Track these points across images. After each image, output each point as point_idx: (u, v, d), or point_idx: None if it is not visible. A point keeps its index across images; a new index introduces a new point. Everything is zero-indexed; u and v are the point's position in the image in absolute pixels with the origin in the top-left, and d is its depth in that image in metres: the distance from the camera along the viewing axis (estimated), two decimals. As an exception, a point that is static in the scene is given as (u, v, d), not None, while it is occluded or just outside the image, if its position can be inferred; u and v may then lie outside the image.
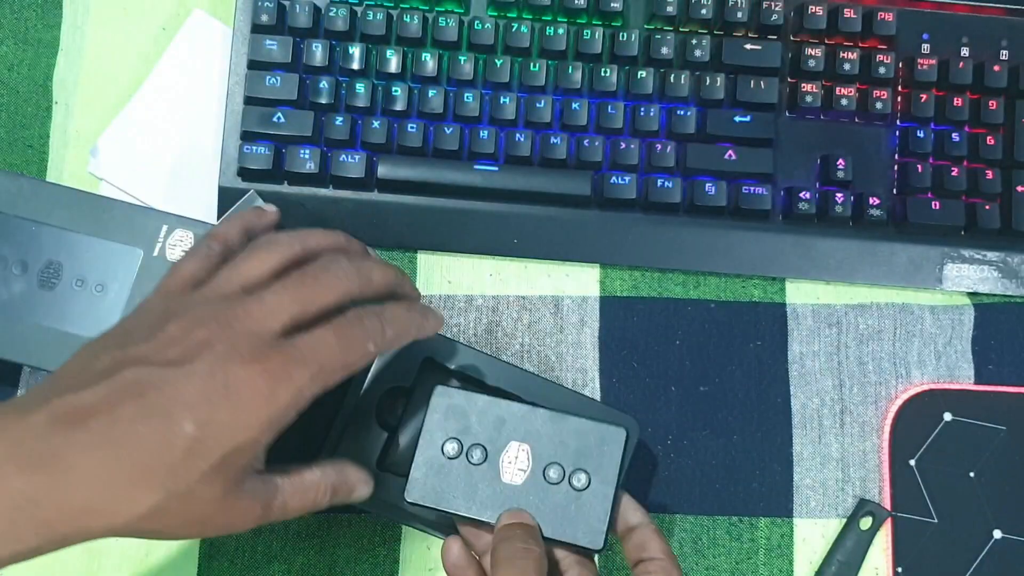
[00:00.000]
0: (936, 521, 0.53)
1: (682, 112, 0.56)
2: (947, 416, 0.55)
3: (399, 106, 0.55)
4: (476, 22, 0.55)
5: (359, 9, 0.56)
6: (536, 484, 0.44)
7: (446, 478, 0.44)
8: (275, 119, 0.55)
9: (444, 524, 0.48)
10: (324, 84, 0.55)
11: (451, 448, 0.44)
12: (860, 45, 0.57)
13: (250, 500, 0.38)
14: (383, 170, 0.55)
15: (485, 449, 0.44)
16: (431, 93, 0.55)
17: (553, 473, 0.44)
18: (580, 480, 0.43)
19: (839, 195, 0.55)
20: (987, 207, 0.55)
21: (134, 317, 0.39)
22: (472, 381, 0.49)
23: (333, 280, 0.39)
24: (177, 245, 0.51)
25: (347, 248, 0.43)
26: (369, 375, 0.50)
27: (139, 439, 0.34)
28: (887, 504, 0.54)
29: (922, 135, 0.56)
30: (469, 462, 0.44)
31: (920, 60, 0.56)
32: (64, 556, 0.52)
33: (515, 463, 0.44)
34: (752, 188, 0.55)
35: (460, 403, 0.45)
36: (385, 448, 0.49)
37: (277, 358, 0.36)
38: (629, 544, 0.43)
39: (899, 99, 0.57)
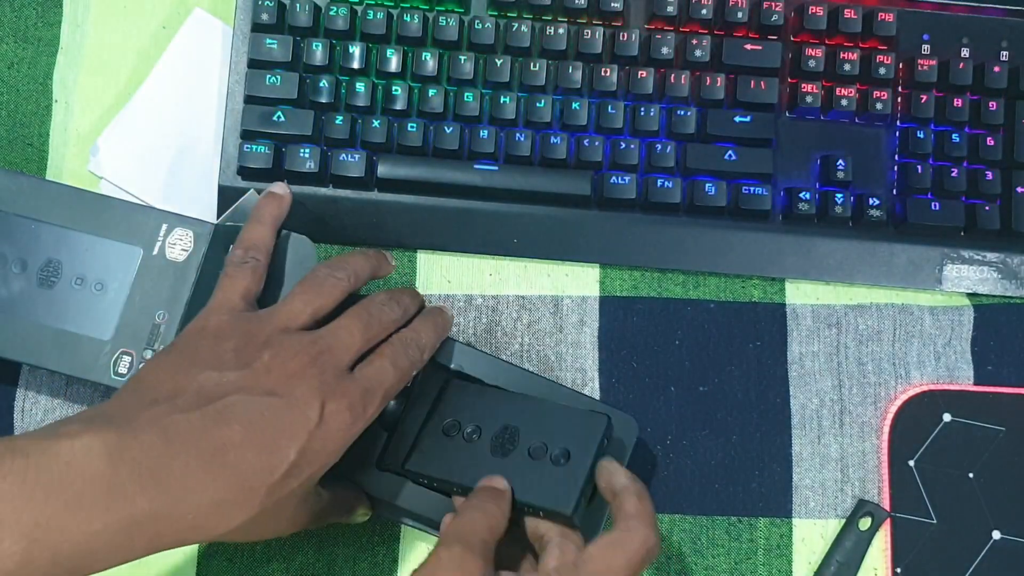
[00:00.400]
0: (935, 522, 0.53)
1: (682, 112, 0.56)
2: (946, 417, 0.55)
3: (399, 105, 0.55)
4: (476, 22, 0.55)
5: (359, 8, 0.56)
6: (520, 458, 0.47)
7: (443, 452, 0.48)
8: (275, 118, 0.55)
9: (440, 512, 0.48)
10: (324, 83, 0.55)
11: (451, 428, 0.48)
12: (860, 46, 0.57)
13: (308, 511, 0.43)
14: (383, 169, 0.55)
15: (480, 429, 0.48)
16: (431, 92, 0.55)
17: (536, 450, 0.47)
18: (560, 456, 0.46)
19: (839, 195, 0.55)
20: (987, 208, 0.55)
21: (210, 335, 0.43)
22: (473, 380, 0.50)
23: (388, 320, 0.45)
24: (177, 244, 0.51)
25: (381, 272, 0.49)
26: None
27: (247, 464, 0.38)
28: (886, 505, 0.54)
29: (922, 136, 0.56)
30: (464, 440, 0.48)
31: (920, 61, 0.56)
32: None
33: (504, 441, 0.47)
34: (752, 188, 0.55)
35: (466, 393, 0.49)
36: (385, 448, 0.49)
37: (356, 391, 0.42)
38: (613, 509, 0.44)
39: (899, 100, 0.57)
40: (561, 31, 0.56)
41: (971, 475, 0.54)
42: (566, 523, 0.45)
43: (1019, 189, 0.55)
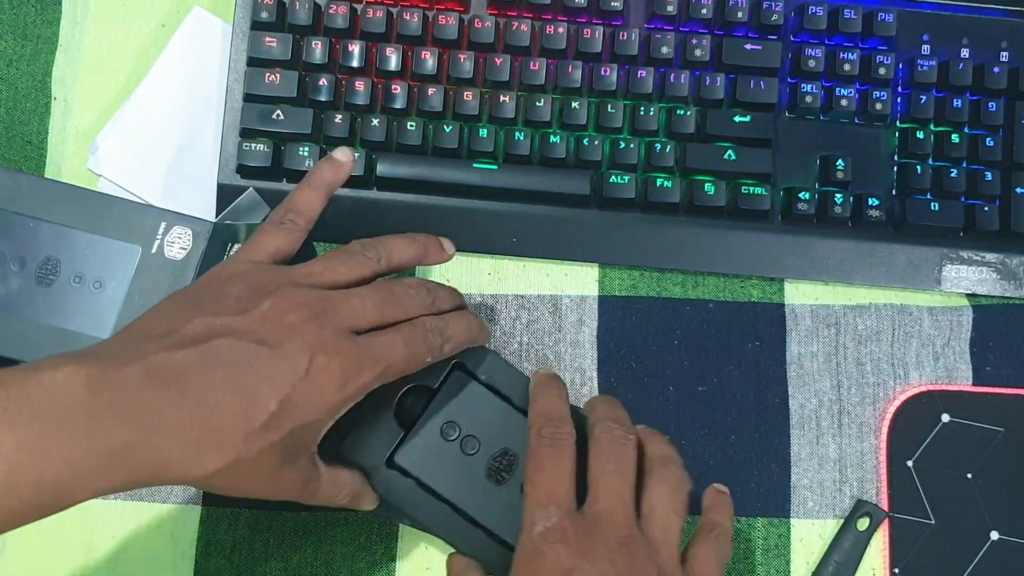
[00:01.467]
0: (933, 522, 0.53)
1: (682, 112, 0.56)
2: (945, 417, 0.55)
3: (398, 104, 0.55)
4: (476, 20, 0.55)
5: (359, 7, 0.56)
6: (512, 492, 0.46)
7: (436, 455, 0.46)
8: (274, 116, 0.55)
9: (440, 523, 0.47)
10: (324, 82, 0.55)
11: (450, 431, 0.47)
12: (860, 46, 0.57)
13: (296, 476, 0.41)
14: (382, 168, 0.55)
15: (479, 443, 0.46)
16: (430, 91, 0.55)
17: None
18: None
19: (838, 195, 0.55)
20: (986, 208, 0.55)
21: (220, 281, 0.42)
22: (497, 394, 0.48)
23: (411, 304, 0.44)
24: (176, 242, 0.51)
25: (430, 259, 0.48)
26: None
27: (225, 407, 0.38)
28: (884, 505, 0.54)
29: (922, 136, 0.56)
30: (462, 450, 0.47)
31: (920, 61, 0.56)
32: (61, 550, 0.52)
33: (501, 468, 0.46)
34: (751, 188, 0.55)
35: (474, 394, 0.47)
36: (398, 445, 0.48)
37: (353, 353, 0.40)
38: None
39: (899, 100, 0.57)
40: (561, 30, 0.56)
41: (969, 475, 0.54)
42: None
43: (1018, 190, 0.55)
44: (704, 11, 0.56)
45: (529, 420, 0.45)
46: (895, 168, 0.56)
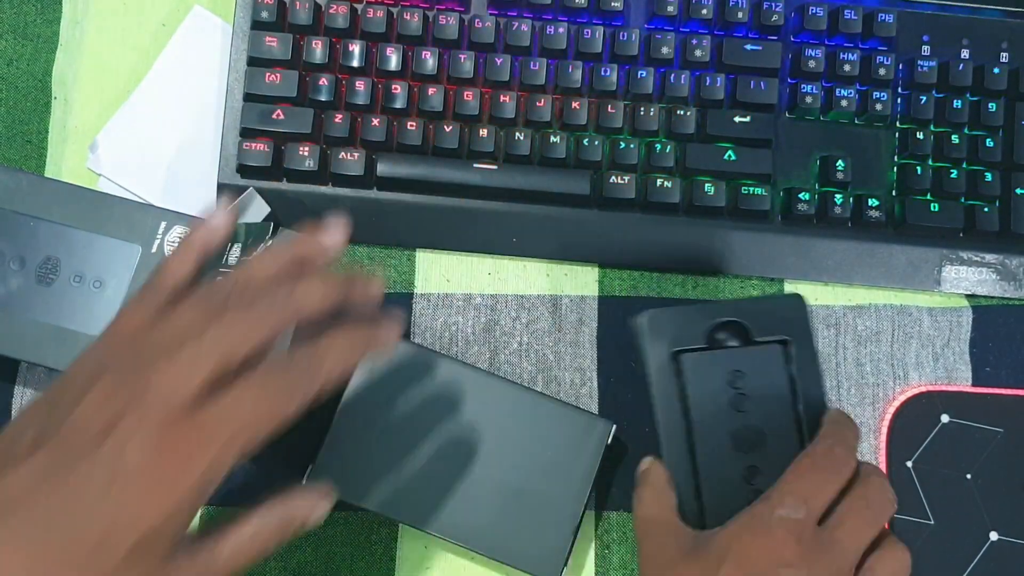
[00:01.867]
0: (933, 523, 0.54)
1: (682, 112, 0.56)
2: (944, 418, 0.55)
3: (399, 104, 0.55)
4: (476, 20, 0.55)
5: (359, 7, 0.56)
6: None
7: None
8: (274, 116, 0.55)
9: (439, 524, 0.48)
10: (324, 81, 0.55)
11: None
12: (860, 46, 0.57)
13: None
14: (382, 168, 0.55)
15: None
16: (431, 91, 0.55)
17: None
18: None
19: (838, 196, 0.55)
20: (986, 209, 0.55)
21: (71, 370, 0.37)
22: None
23: (257, 321, 0.36)
24: (176, 241, 0.51)
25: (293, 271, 0.39)
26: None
27: (51, 536, 0.33)
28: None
29: (921, 136, 0.56)
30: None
31: (920, 61, 0.56)
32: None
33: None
34: (751, 188, 0.55)
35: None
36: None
37: (184, 435, 0.34)
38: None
39: (899, 100, 0.57)
40: (561, 30, 0.56)
41: (969, 476, 0.54)
42: None
43: (1018, 190, 0.55)
44: (704, 11, 0.56)
45: (825, 425, 0.45)
46: (895, 169, 0.56)
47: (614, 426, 0.50)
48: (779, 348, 0.48)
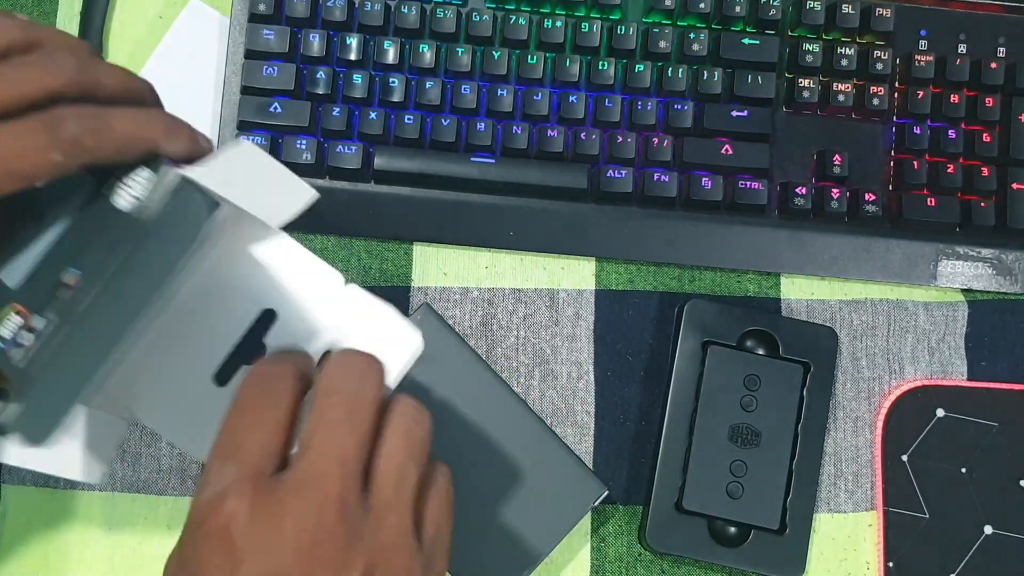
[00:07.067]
0: (928, 516, 0.54)
1: (679, 106, 0.56)
2: (940, 412, 0.55)
3: (396, 97, 0.55)
4: (474, 14, 0.55)
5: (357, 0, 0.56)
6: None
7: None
8: (272, 109, 0.55)
9: None
10: (321, 74, 0.55)
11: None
12: (858, 41, 0.57)
13: None
14: (380, 161, 0.55)
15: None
16: (428, 85, 0.55)
17: None
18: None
19: (835, 191, 0.55)
20: (982, 204, 0.55)
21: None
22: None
23: (38, 70, 0.31)
24: (131, 187, 0.38)
25: (73, 47, 0.35)
26: None
27: None
28: (879, 500, 0.54)
29: (918, 132, 0.56)
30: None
31: (917, 56, 0.56)
32: (56, 543, 0.52)
33: None
34: (748, 183, 0.55)
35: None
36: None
37: None
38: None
39: (896, 95, 0.57)
40: (559, 24, 0.56)
41: (964, 470, 0.54)
42: None
43: (1014, 186, 0.56)
44: (702, 5, 0.56)
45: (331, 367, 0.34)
46: (891, 163, 0.56)
47: (606, 491, 0.51)
48: (800, 369, 0.53)
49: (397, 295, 0.55)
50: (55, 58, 0.32)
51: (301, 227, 0.51)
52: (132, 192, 0.35)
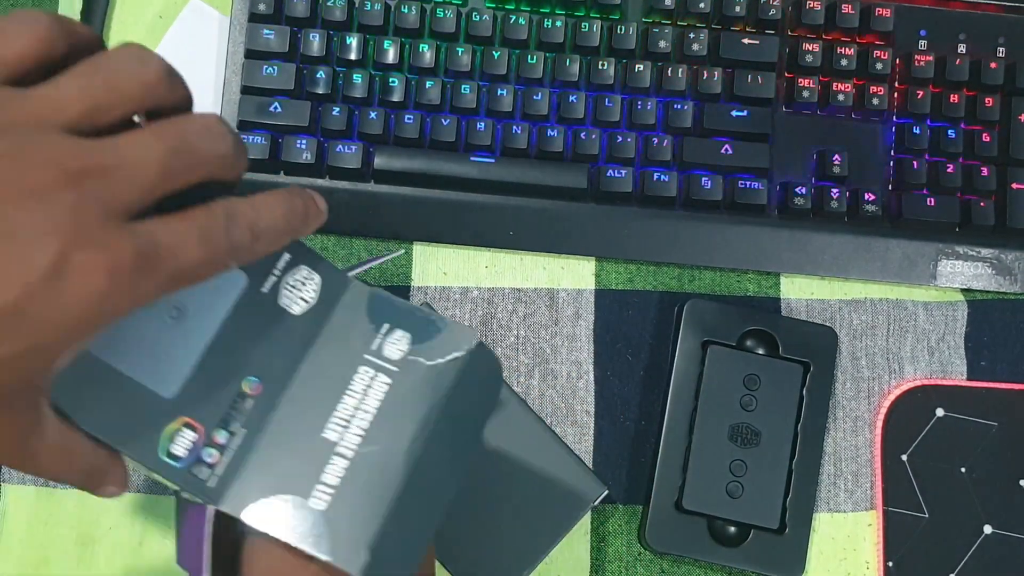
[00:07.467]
0: (927, 516, 0.54)
1: (679, 106, 0.56)
2: (939, 412, 0.55)
3: (396, 97, 0.55)
4: (474, 13, 0.55)
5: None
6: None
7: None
8: (272, 109, 0.55)
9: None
10: (321, 74, 0.55)
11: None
12: (857, 41, 0.57)
13: (9, 423, 0.28)
14: (379, 161, 0.55)
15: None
16: (428, 84, 0.55)
17: None
18: None
19: (834, 190, 0.55)
20: (982, 204, 0.55)
21: None
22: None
23: (211, 156, 0.30)
24: (297, 288, 0.34)
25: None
26: None
27: None
28: (879, 499, 0.54)
29: (918, 131, 0.56)
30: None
31: (917, 56, 0.56)
32: (57, 543, 0.52)
33: None
34: (748, 183, 0.55)
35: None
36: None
37: (127, 249, 0.27)
38: None
39: (896, 95, 0.57)
40: (559, 24, 0.56)
41: (963, 470, 0.54)
42: None
43: (1014, 185, 0.56)
44: (702, 5, 0.56)
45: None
46: (891, 163, 0.57)
47: (606, 491, 0.50)
48: (800, 369, 0.53)
49: (397, 295, 0.55)
50: (126, 65, 0.31)
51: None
52: (302, 295, 0.35)
